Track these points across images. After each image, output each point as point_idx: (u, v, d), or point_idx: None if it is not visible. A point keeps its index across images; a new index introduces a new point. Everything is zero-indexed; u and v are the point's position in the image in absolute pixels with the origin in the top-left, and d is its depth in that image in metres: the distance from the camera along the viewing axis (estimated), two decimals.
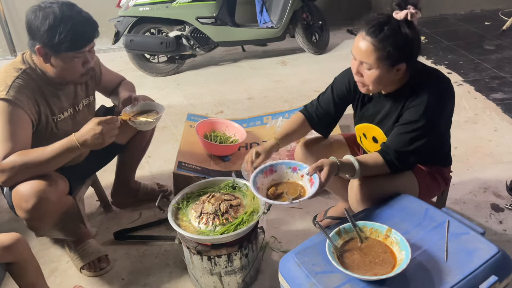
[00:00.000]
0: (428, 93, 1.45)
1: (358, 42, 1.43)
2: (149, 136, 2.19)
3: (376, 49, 1.39)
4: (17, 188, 1.57)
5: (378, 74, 1.43)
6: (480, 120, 2.96)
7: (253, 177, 1.54)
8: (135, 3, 3.79)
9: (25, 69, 1.64)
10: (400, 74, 1.46)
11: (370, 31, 1.39)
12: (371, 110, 1.64)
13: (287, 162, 1.59)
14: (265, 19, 4.27)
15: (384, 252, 1.27)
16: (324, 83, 3.84)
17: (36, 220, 1.63)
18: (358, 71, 1.48)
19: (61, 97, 1.75)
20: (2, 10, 4.55)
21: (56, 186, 1.62)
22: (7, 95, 1.55)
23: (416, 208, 1.45)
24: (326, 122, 1.77)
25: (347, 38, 4.85)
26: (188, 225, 1.65)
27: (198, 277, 1.75)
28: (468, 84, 3.52)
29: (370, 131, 1.66)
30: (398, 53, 1.39)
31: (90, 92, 1.92)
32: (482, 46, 4.30)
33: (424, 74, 1.51)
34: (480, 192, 2.26)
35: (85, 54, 1.63)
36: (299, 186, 1.55)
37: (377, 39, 1.38)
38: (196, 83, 3.98)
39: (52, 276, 1.92)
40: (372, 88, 1.50)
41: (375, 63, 1.41)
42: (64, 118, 1.78)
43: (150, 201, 2.31)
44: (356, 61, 1.46)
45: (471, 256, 1.24)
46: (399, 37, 1.38)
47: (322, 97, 1.77)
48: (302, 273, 1.27)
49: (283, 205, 1.46)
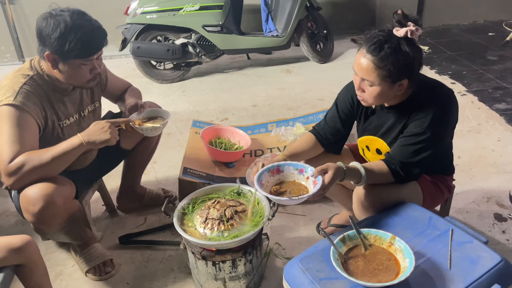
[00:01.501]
0: (433, 106, 1.46)
1: (360, 59, 1.44)
2: (155, 142, 2.21)
3: (377, 67, 1.40)
4: (24, 192, 1.60)
5: (380, 91, 1.45)
6: (483, 130, 2.98)
7: (259, 174, 1.54)
8: (142, 10, 3.85)
9: (32, 75, 1.67)
10: (403, 89, 1.47)
11: (371, 49, 1.41)
12: (374, 123, 1.65)
13: (295, 164, 1.60)
14: (270, 27, 4.32)
15: (388, 259, 1.28)
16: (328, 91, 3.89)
17: (43, 224, 1.65)
18: (360, 87, 1.49)
19: (66, 103, 1.78)
20: (11, 16, 4.62)
21: (63, 190, 1.65)
22: (14, 101, 1.58)
23: (419, 216, 1.46)
24: (336, 140, 1.78)
25: (351, 47, 4.89)
26: (193, 231, 1.67)
27: (202, 282, 1.77)
28: (471, 94, 3.54)
29: (374, 143, 1.68)
30: (398, 71, 1.40)
31: (95, 98, 1.94)
32: (485, 56, 4.33)
33: (427, 86, 1.52)
34: (483, 202, 2.27)
35: (93, 61, 1.66)
36: (303, 186, 1.56)
37: (378, 57, 1.39)
38: (201, 90, 4.02)
39: (57, 280, 1.94)
40: (374, 103, 1.52)
41: (376, 81, 1.42)
42: (69, 123, 1.81)
43: (155, 207, 2.33)
44: (358, 77, 1.48)
45: (475, 265, 1.26)
46: (399, 55, 1.39)
47: (328, 115, 1.78)
48: (306, 279, 1.28)
49: (282, 201, 1.46)
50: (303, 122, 2.81)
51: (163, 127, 1.92)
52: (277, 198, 1.46)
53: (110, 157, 2.11)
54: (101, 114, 2.04)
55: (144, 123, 1.89)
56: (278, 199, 1.46)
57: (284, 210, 2.27)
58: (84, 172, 1.96)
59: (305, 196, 1.42)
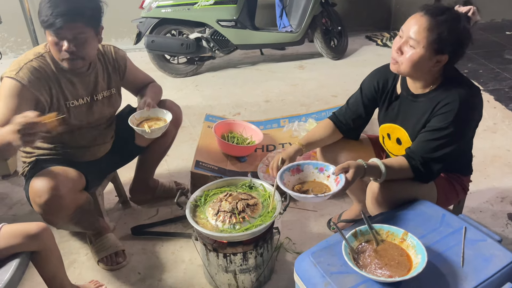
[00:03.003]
0: (458, 101, 1.43)
1: (413, 19, 1.40)
2: (171, 140, 2.19)
3: (431, 28, 1.37)
4: (32, 183, 1.64)
5: (420, 56, 1.40)
6: (499, 130, 2.94)
7: (280, 173, 1.55)
8: (157, 4, 3.87)
9: (43, 53, 1.73)
10: (437, 68, 1.44)
11: (430, 11, 1.38)
12: (397, 109, 1.62)
13: (314, 163, 1.60)
14: (284, 23, 4.31)
15: (400, 255, 1.28)
16: (342, 88, 3.87)
17: (50, 215, 1.68)
18: (400, 48, 1.44)
19: (76, 84, 1.80)
20: (28, 9, 4.68)
21: (70, 182, 1.67)
22: (16, 75, 1.64)
23: (433, 214, 1.45)
24: (356, 126, 1.77)
25: (366, 44, 4.85)
26: (205, 223, 1.68)
27: (213, 274, 1.78)
28: (487, 93, 3.49)
29: (395, 132, 1.65)
30: (446, 41, 1.37)
31: (112, 84, 1.93)
32: (502, 55, 4.27)
33: (456, 80, 1.49)
34: (497, 202, 2.25)
35: (62, 36, 1.61)
36: (325, 185, 1.55)
37: (435, 19, 1.37)
38: (214, 84, 4.03)
39: (71, 268, 1.97)
40: (405, 69, 1.46)
41: (422, 42, 1.38)
42: (78, 105, 1.81)
43: (167, 199, 2.35)
44: (401, 38, 1.44)
45: (487, 263, 1.24)
46: (455, 26, 1.37)
47: (351, 100, 1.77)
48: (317, 273, 1.28)
49: (307, 199, 1.46)
50: (316, 118, 2.80)
51: (161, 131, 1.88)
52: (303, 196, 1.46)
53: (124, 153, 2.12)
54: (117, 102, 2.00)
55: (147, 122, 1.90)
56: (304, 197, 1.46)
57: (295, 205, 2.27)
58: (96, 164, 1.98)
59: (329, 194, 1.42)
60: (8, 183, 2.61)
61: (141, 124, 1.90)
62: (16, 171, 2.66)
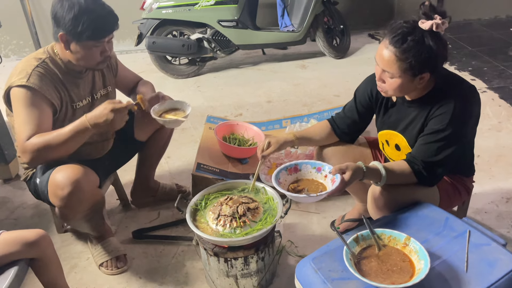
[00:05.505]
0: (454, 101, 1.42)
1: (382, 50, 1.42)
2: (169, 135, 2.22)
3: (398, 59, 1.37)
4: (53, 176, 1.67)
5: (400, 83, 1.42)
6: (504, 128, 2.90)
7: (277, 172, 1.55)
8: (158, 5, 3.85)
9: (44, 58, 1.74)
10: (424, 83, 1.44)
11: (394, 40, 1.37)
12: (393, 116, 1.62)
13: (312, 162, 1.60)
14: (286, 22, 4.28)
15: (403, 260, 1.26)
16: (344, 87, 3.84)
17: (69, 208, 1.70)
18: (380, 77, 1.47)
19: (80, 85, 1.83)
20: (29, 11, 4.68)
21: (90, 177, 1.72)
22: (27, 82, 1.65)
23: (436, 217, 1.43)
24: (351, 131, 1.78)
25: (368, 42, 4.81)
26: (206, 227, 1.67)
27: (214, 279, 1.76)
28: (492, 91, 3.45)
29: (393, 138, 1.65)
30: (420, 64, 1.37)
31: (107, 82, 1.97)
32: (506, 52, 4.21)
33: (449, 82, 1.49)
34: (503, 202, 2.21)
35: (103, 44, 1.71)
36: (321, 184, 1.55)
37: (400, 49, 1.36)
38: (216, 85, 4.01)
39: (72, 272, 1.96)
40: (394, 94, 1.49)
41: (397, 73, 1.40)
42: (82, 105, 1.85)
43: (169, 201, 2.34)
44: (379, 67, 1.46)
45: (492, 268, 1.22)
46: (422, 48, 1.36)
47: (347, 106, 1.78)
48: (318, 279, 1.26)
49: (299, 198, 1.45)
50: (318, 119, 2.77)
51: (184, 120, 1.90)
52: (295, 195, 1.45)
53: (125, 148, 2.14)
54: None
55: (166, 114, 1.90)
56: (296, 196, 1.45)
57: (297, 208, 2.26)
58: (102, 162, 2.00)
59: (323, 194, 1.40)
60: (9, 187, 2.60)
61: (162, 116, 1.89)
62: (17, 175, 2.66)
